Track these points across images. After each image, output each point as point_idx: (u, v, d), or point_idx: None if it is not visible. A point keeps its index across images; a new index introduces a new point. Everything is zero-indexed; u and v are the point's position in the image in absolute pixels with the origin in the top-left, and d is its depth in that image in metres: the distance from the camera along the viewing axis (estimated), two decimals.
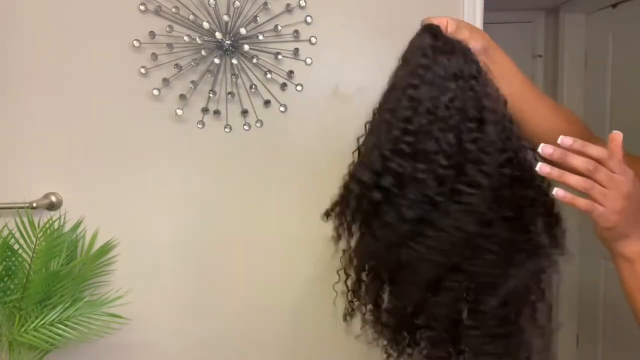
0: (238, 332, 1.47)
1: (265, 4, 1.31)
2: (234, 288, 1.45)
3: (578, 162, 0.59)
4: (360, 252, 0.78)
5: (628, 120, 2.20)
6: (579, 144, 0.60)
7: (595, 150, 0.60)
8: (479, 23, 1.36)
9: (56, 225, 1.31)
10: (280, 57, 1.34)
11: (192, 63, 1.32)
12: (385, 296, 0.77)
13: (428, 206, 0.66)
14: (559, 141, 0.60)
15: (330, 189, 1.41)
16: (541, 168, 0.60)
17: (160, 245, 1.43)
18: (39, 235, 1.21)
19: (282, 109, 1.37)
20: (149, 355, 1.47)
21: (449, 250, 0.66)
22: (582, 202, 0.60)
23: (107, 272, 1.41)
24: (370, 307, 0.79)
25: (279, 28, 1.32)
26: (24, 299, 1.23)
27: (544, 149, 0.60)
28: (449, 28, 0.71)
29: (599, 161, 0.59)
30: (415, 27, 1.40)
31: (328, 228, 1.43)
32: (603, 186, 0.59)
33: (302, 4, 1.32)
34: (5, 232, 1.23)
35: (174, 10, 1.31)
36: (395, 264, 0.71)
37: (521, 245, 0.66)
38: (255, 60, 1.32)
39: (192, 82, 1.34)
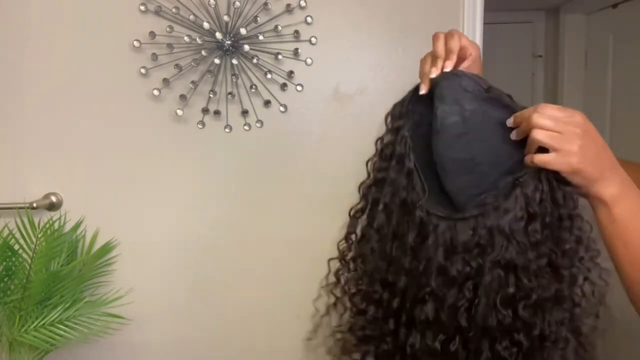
0: (238, 333, 1.47)
1: (265, 4, 1.31)
2: (233, 288, 1.45)
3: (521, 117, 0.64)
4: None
5: (628, 120, 2.20)
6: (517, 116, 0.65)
7: (527, 110, 0.64)
8: (478, 23, 1.36)
9: (56, 225, 1.31)
10: (280, 57, 1.34)
11: (192, 63, 1.32)
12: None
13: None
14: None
15: (330, 188, 1.42)
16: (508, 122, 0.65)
17: (160, 245, 1.43)
18: (39, 235, 1.21)
19: (282, 109, 1.37)
20: (149, 355, 1.47)
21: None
22: (534, 157, 0.61)
23: (107, 272, 1.41)
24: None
25: (279, 28, 1.32)
26: (24, 299, 1.23)
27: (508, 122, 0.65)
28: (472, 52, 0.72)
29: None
30: (415, 27, 1.41)
31: (328, 227, 1.43)
32: (554, 131, 0.60)
33: (302, 4, 1.32)
34: (5, 232, 1.23)
35: (174, 10, 1.31)
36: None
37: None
38: (255, 60, 1.32)
39: (192, 82, 1.34)
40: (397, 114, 0.73)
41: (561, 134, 0.59)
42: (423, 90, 0.69)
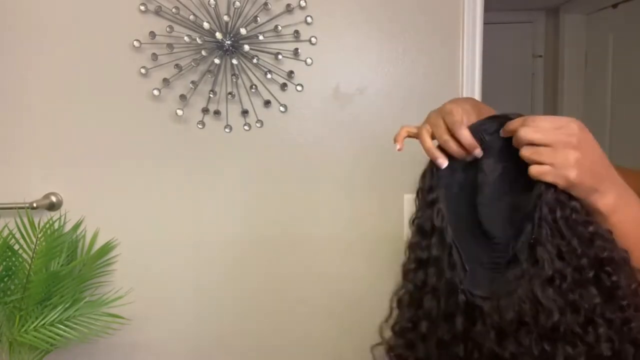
0: (237, 332, 1.47)
1: (265, 4, 1.31)
2: (233, 287, 1.45)
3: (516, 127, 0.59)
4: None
5: (628, 120, 2.20)
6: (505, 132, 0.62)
7: (515, 122, 0.60)
8: (478, 23, 1.36)
9: (56, 225, 1.31)
10: (280, 57, 1.34)
11: (192, 63, 1.32)
12: None
13: None
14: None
15: (330, 188, 1.42)
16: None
17: (160, 245, 1.43)
18: (39, 235, 1.21)
19: (282, 109, 1.37)
20: (149, 355, 1.47)
21: None
22: (530, 169, 0.58)
23: (107, 272, 1.41)
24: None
25: (279, 28, 1.32)
26: (24, 299, 1.23)
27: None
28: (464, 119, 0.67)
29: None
30: (415, 27, 1.41)
31: (327, 226, 1.43)
32: (544, 144, 0.57)
33: (302, 4, 1.32)
34: (5, 232, 1.23)
35: (174, 10, 1.31)
36: None
37: None
38: (255, 60, 1.32)
39: (192, 82, 1.34)
40: (427, 187, 0.69)
41: (552, 147, 0.56)
42: (445, 164, 0.67)
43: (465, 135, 0.64)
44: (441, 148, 0.68)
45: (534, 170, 0.58)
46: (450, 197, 0.68)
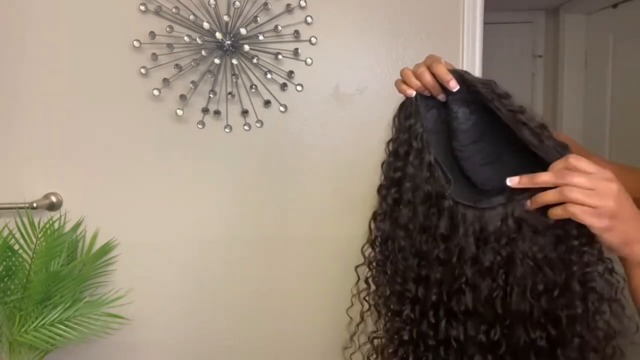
0: (237, 332, 1.47)
1: (265, 4, 1.31)
2: (233, 287, 1.45)
3: (545, 177, 0.59)
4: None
5: (628, 120, 2.20)
6: (525, 179, 0.60)
7: (555, 165, 0.59)
8: (478, 23, 1.36)
9: (56, 225, 1.31)
10: (280, 57, 1.34)
11: (192, 63, 1.32)
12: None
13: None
14: (507, 183, 0.62)
15: (330, 188, 1.42)
16: (510, 181, 0.62)
17: (160, 245, 1.43)
18: (39, 235, 1.21)
19: (282, 109, 1.37)
20: (149, 355, 1.47)
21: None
22: (567, 207, 0.57)
23: (107, 272, 1.41)
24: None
25: (279, 28, 1.32)
26: (24, 299, 1.23)
27: (510, 181, 0.62)
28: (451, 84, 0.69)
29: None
30: (415, 27, 1.41)
31: (328, 227, 1.43)
32: (585, 187, 0.57)
33: (302, 4, 1.32)
34: (5, 232, 1.23)
35: (174, 10, 1.31)
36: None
37: None
38: (255, 60, 1.32)
39: (192, 82, 1.34)
40: (406, 114, 0.74)
41: (596, 190, 0.56)
42: (411, 94, 0.72)
43: (441, 69, 0.68)
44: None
45: (571, 209, 0.57)
46: (430, 127, 0.73)
